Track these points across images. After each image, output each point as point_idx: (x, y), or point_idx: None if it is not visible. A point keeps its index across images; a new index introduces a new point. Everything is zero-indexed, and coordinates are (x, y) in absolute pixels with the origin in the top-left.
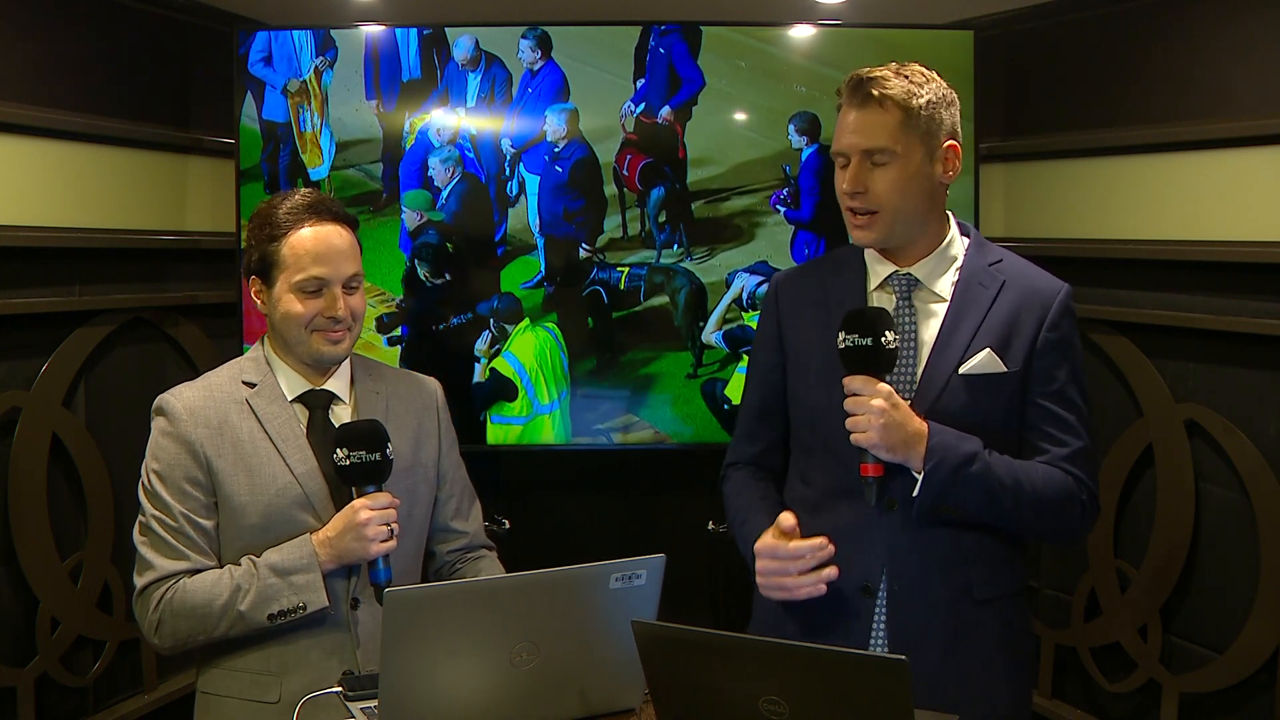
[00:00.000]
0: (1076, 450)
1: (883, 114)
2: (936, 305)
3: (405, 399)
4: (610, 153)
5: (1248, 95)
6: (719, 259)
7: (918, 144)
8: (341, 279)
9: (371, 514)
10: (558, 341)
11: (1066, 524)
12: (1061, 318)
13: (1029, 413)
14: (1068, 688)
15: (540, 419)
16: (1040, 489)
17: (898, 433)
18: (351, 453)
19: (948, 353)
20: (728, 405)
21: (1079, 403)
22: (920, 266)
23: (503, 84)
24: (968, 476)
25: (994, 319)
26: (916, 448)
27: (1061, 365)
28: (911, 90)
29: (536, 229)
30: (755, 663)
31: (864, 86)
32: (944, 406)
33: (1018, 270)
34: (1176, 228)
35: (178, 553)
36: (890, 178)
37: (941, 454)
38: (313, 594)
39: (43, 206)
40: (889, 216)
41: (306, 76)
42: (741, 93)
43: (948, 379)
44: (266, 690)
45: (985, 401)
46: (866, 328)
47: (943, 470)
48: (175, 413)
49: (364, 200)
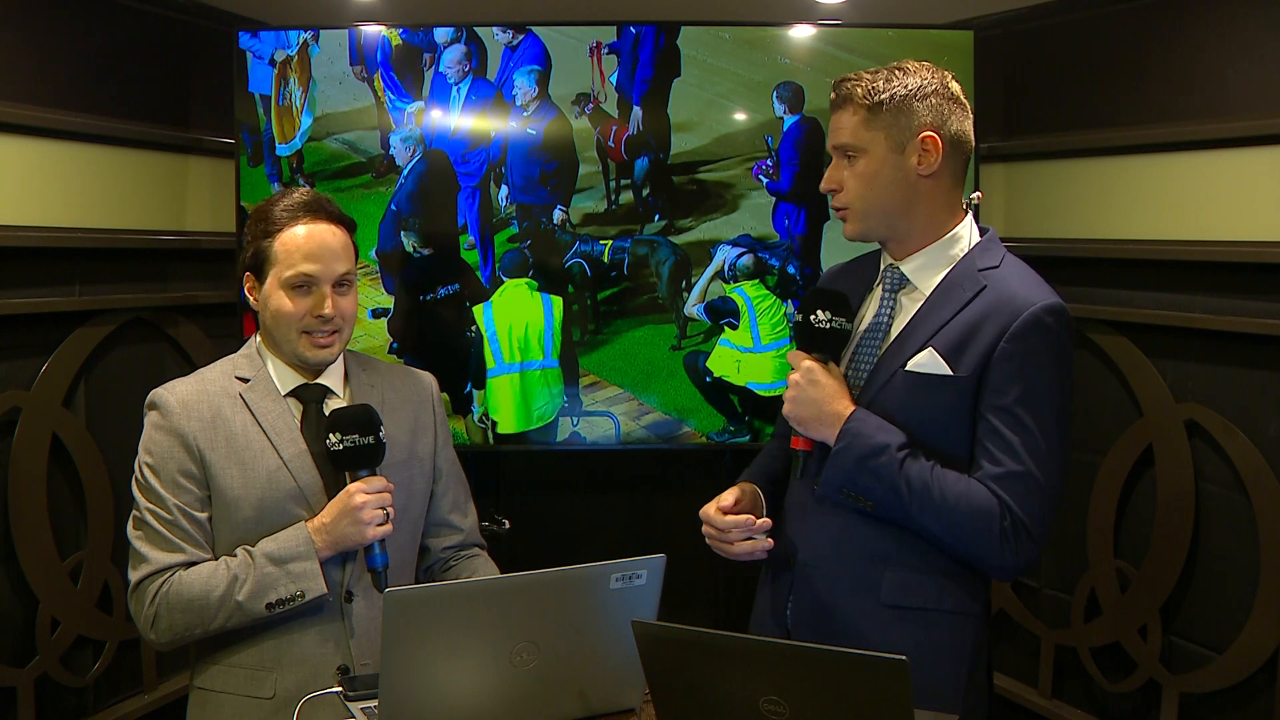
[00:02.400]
0: (1010, 473)
1: (846, 113)
2: (916, 302)
3: (401, 392)
4: (588, 121)
5: (1247, 95)
6: (701, 230)
7: (882, 138)
8: (332, 278)
9: (367, 498)
10: (548, 311)
11: (981, 546)
12: (1027, 331)
13: (978, 425)
14: (1068, 688)
15: (500, 377)
16: (952, 501)
17: (810, 408)
18: (344, 437)
19: (903, 348)
20: (709, 378)
21: (1029, 425)
22: (909, 262)
23: (477, 60)
24: (874, 467)
25: (958, 322)
26: (832, 427)
27: (1015, 381)
28: (875, 87)
29: (503, 198)
30: (755, 663)
31: (834, 89)
32: (883, 399)
33: (1005, 278)
34: (1176, 228)
35: (172, 545)
36: (855, 173)
37: (852, 438)
38: (311, 581)
39: (43, 206)
40: (859, 210)
41: (294, 51)
42: (724, 63)
43: (893, 373)
44: (261, 685)
45: (923, 401)
46: (805, 306)
47: (849, 454)
48: (168, 406)
49: (360, 170)
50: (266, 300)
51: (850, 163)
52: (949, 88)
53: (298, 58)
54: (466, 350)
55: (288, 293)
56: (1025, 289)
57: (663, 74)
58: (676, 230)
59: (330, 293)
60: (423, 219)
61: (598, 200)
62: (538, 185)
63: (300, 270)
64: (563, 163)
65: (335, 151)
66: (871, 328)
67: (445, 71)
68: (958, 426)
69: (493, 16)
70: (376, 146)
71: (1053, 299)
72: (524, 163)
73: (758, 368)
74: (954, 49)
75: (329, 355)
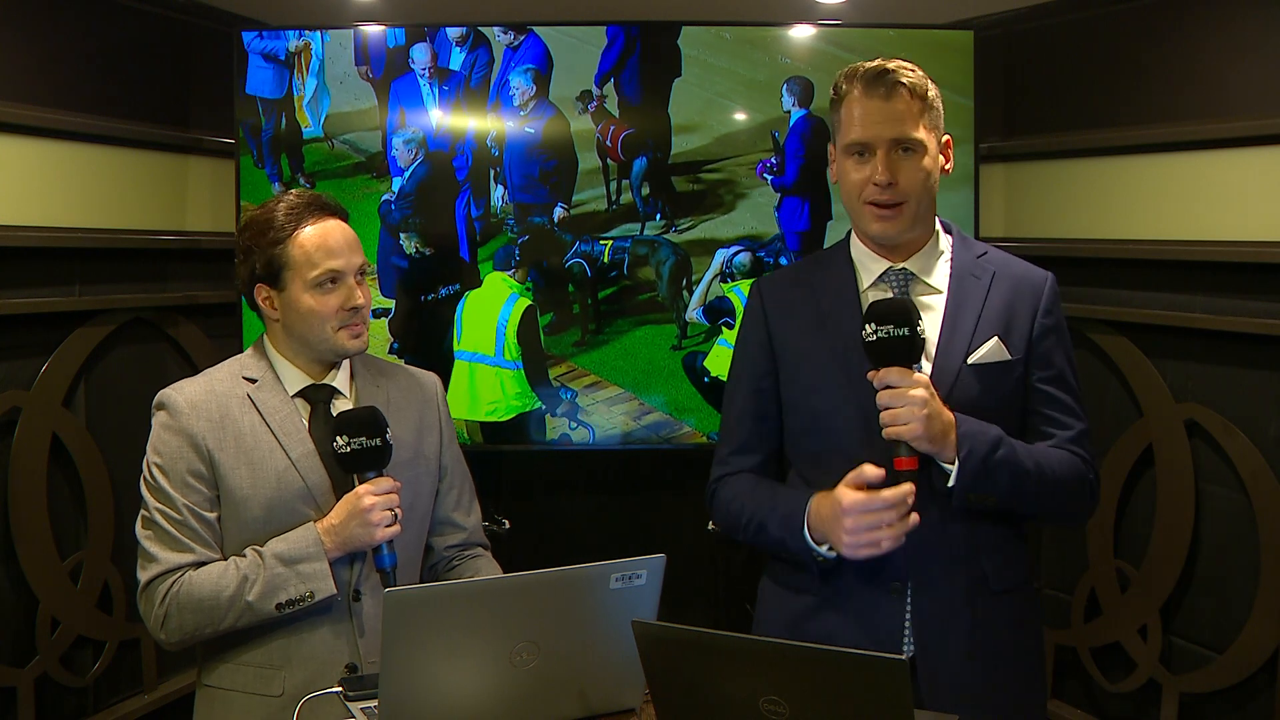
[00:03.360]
0: (1080, 432)
1: (909, 103)
2: (933, 299)
3: (406, 392)
4: (589, 121)
5: (1247, 95)
6: (701, 230)
7: (930, 134)
8: (353, 270)
9: (375, 499)
10: (505, 311)
11: (1079, 504)
12: (1053, 304)
13: (1031, 398)
14: (1068, 688)
15: (460, 362)
16: (1059, 471)
17: (938, 423)
18: (352, 439)
19: (954, 344)
20: (707, 378)
21: (1074, 385)
22: (915, 260)
23: (484, 64)
24: (997, 462)
25: (991, 309)
26: (950, 436)
27: (1058, 350)
28: (926, 82)
29: (498, 198)
30: (755, 663)
31: (889, 76)
32: (958, 397)
33: (1003, 261)
34: (1176, 228)
35: (182, 545)
36: (917, 167)
37: (972, 442)
38: (320, 582)
39: (43, 206)
40: (914, 207)
41: (297, 44)
42: (724, 63)
43: (959, 370)
44: (269, 683)
45: (994, 390)
46: (900, 318)
47: (975, 458)
48: (176, 406)
49: (360, 170)
50: (293, 304)
51: (907, 155)
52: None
53: (302, 55)
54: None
55: (315, 292)
56: (1025, 267)
57: (663, 74)
58: (677, 230)
59: (354, 283)
60: (423, 219)
61: (598, 200)
62: (537, 184)
63: (327, 267)
64: (562, 162)
65: (336, 151)
66: None
67: (451, 71)
68: (1016, 405)
69: (493, 16)
70: (377, 145)
71: (1045, 270)
72: (523, 162)
73: None
74: (954, 49)
75: (364, 343)
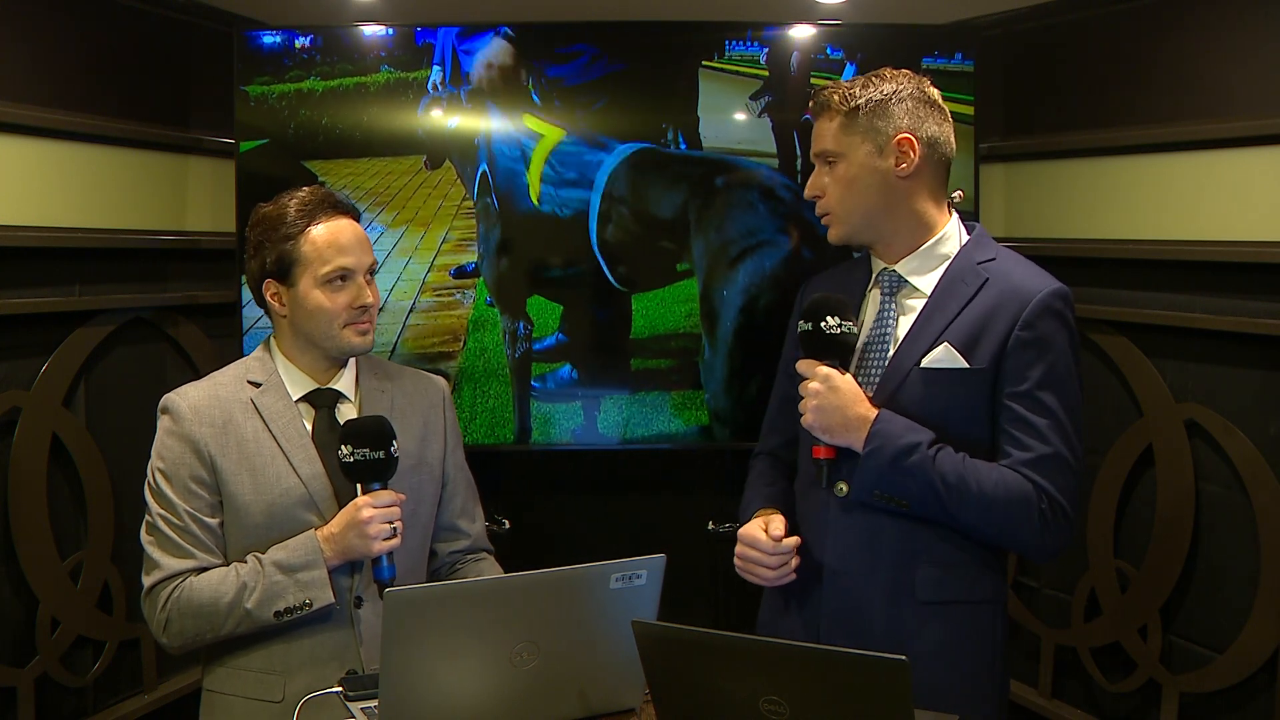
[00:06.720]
0: (1041, 456)
1: (824, 120)
2: (917, 301)
3: (411, 396)
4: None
5: (1248, 95)
6: (701, 229)
7: (860, 142)
8: (364, 268)
9: (374, 512)
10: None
11: (1021, 532)
12: (1038, 318)
13: (1000, 414)
14: (1068, 688)
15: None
16: (989, 490)
17: (834, 415)
18: (356, 450)
19: (915, 346)
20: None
21: (1052, 408)
22: (904, 264)
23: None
24: (907, 466)
25: (967, 316)
26: (859, 431)
27: (1033, 367)
28: (852, 94)
29: (492, 194)
30: (755, 663)
31: (819, 99)
32: (902, 398)
33: (1006, 269)
34: (1176, 228)
35: (184, 551)
36: (835, 177)
37: (882, 440)
38: (319, 590)
39: (43, 206)
40: (840, 213)
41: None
42: (724, 62)
43: (908, 372)
44: (271, 689)
45: (943, 396)
46: (812, 313)
47: (880, 456)
48: (180, 411)
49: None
50: (302, 301)
51: (830, 168)
52: (925, 92)
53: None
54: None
55: (325, 289)
56: (1028, 278)
57: (663, 73)
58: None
59: (364, 282)
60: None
61: (598, 199)
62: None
63: (339, 265)
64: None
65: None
66: (876, 331)
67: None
68: (978, 419)
69: (493, 16)
70: (378, 145)
71: (1056, 284)
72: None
73: None
74: (954, 49)
75: (369, 342)
